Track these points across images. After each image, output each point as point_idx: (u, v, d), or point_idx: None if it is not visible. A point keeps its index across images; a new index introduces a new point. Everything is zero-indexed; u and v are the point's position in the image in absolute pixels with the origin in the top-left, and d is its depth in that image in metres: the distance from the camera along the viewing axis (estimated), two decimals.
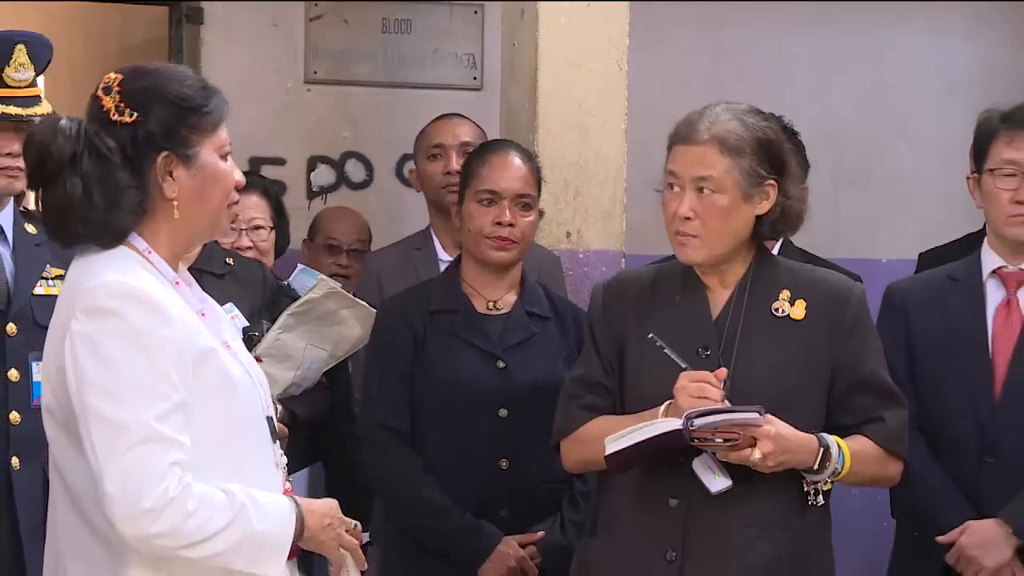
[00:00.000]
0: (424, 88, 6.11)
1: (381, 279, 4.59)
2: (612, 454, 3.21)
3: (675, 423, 3.13)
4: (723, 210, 3.28)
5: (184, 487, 2.61)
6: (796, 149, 3.94)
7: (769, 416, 3.16)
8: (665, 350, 3.25)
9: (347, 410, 4.50)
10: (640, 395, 3.31)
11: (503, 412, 3.90)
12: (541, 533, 3.90)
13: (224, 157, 2.80)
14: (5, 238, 3.68)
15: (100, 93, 2.74)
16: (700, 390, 3.16)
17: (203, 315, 2.80)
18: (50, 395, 2.71)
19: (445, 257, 4.66)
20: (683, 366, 3.23)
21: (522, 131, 4.83)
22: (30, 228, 3.73)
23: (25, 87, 3.62)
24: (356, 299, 4.19)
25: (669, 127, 3.41)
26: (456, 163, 4.64)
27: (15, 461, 3.59)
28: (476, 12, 6.20)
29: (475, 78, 6.21)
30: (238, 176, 2.82)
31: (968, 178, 4.00)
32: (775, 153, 3.32)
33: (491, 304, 4.02)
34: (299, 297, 4.15)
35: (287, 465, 2.90)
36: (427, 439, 3.95)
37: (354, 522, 2.86)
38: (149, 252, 2.75)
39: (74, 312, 2.65)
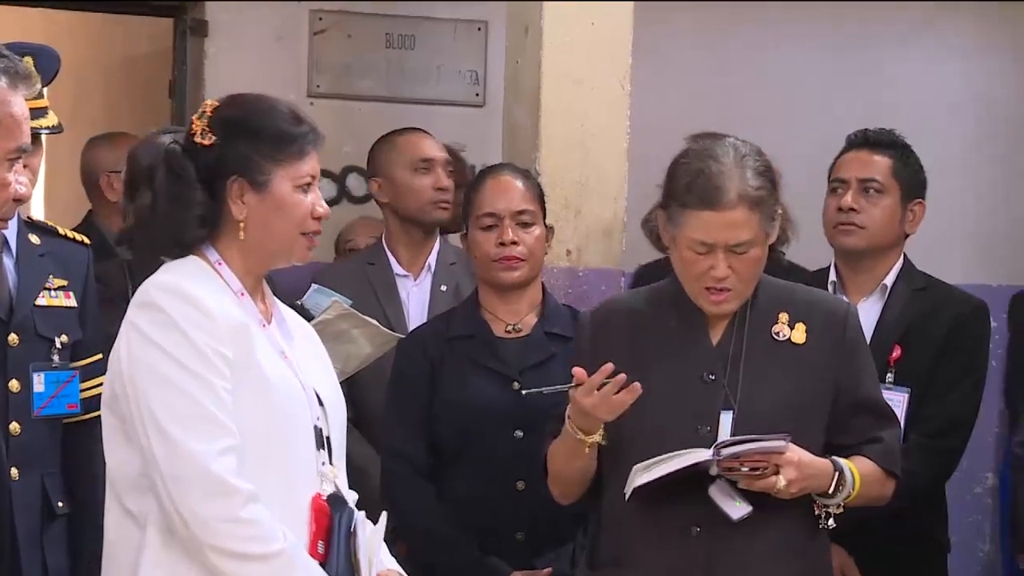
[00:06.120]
0: (427, 104, 6.09)
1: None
2: (639, 487, 3.17)
3: (705, 454, 3.12)
4: (758, 261, 3.28)
5: (248, 494, 2.74)
6: None
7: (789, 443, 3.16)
8: (544, 391, 3.24)
9: None
10: (636, 428, 3.25)
11: (519, 433, 3.89)
12: (548, 569, 3.88)
13: (304, 189, 2.92)
14: (9, 248, 3.67)
15: (195, 117, 2.96)
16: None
17: (264, 325, 2.94)
18: (109, 388, 2.90)
19: (400, 271, 4.68)
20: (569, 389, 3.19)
21: (524, 148, 4.82)
22: (34, 238, 3.71)
23: (31, 99, 3.62)
24: (368, 319, 4.21)
25: (671, 145, 3.40)
26: (445, 179, 4.65)
27: (14, 472, 3.55)
28: (480, 29, 6.20)
29: (478, 94, 6.21)
30: (320, 209, 2.94)
31: None
32: (776, 184, 3.33)
33: (510, 327, 4.02)
34: (313, 317, 4.16)
35: None
36: (446, 464, 3.97)
37: None
38: (219, 263, 2.91)
39: (131, 307, 2.87)
